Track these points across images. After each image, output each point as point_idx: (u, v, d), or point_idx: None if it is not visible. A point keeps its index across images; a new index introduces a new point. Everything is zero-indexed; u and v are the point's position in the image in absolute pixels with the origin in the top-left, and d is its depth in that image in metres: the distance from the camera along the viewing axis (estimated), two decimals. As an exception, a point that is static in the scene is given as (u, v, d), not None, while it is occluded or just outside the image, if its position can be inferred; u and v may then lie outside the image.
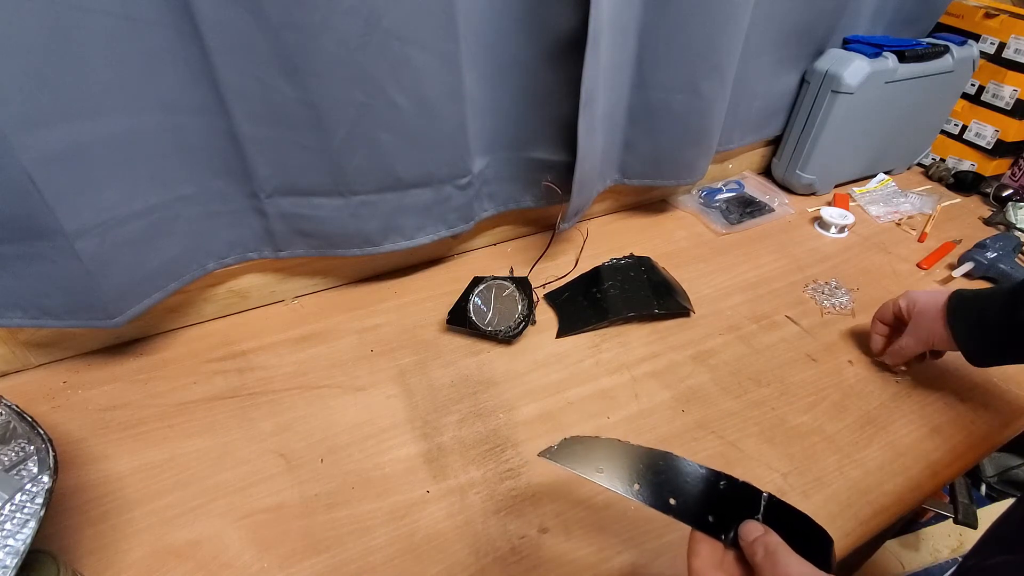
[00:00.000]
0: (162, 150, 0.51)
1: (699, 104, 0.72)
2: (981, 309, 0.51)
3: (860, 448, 0.53)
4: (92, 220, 0.49)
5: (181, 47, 0.47)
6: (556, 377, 0.60)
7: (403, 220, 0.64)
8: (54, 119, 0.44)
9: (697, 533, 0.33)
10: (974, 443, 0.54)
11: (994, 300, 0.51)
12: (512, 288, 0.65)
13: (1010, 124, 0.88)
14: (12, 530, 0.35)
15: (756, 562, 0.31)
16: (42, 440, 0.41)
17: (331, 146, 0.55)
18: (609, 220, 0.88)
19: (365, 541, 0.46)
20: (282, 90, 0.51)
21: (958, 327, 0.52)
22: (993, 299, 0.51)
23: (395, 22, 0.50)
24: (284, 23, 0.47)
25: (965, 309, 0.53)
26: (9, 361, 0.59)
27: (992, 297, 0.52)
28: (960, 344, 0.52)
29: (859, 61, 0.78)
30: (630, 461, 0.34)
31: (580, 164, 0.65)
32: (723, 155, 0.91)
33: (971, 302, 0.53)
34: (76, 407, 0.57)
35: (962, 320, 0.52)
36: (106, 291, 0.52)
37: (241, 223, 0.60)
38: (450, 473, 0.51)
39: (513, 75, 0.62)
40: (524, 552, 0.45)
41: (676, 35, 0.66)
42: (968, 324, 0.52)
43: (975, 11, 0.89)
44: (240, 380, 0.60)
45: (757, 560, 0.31)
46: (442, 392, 0.59)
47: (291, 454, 0.52)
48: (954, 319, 0.52)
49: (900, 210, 0.88)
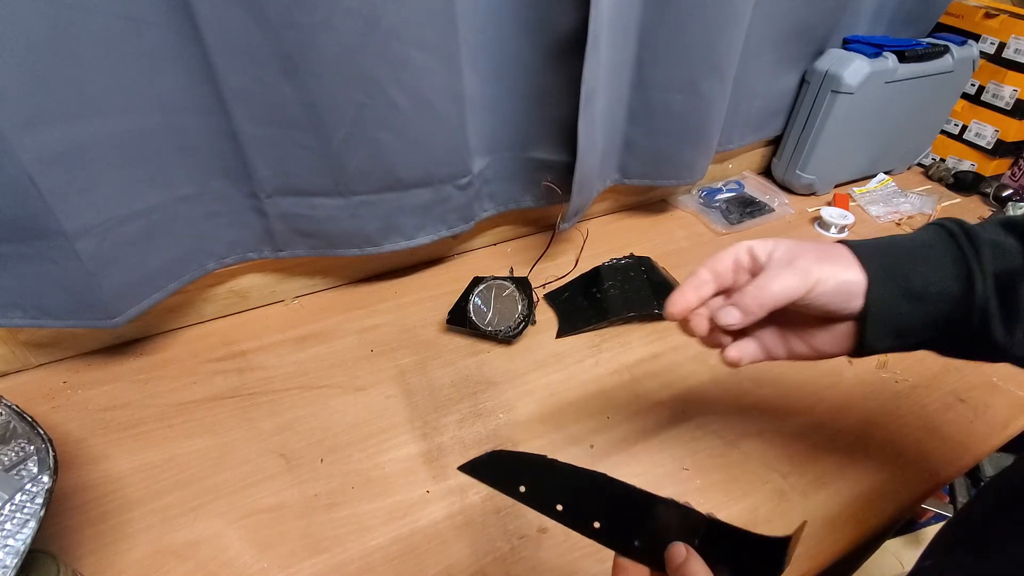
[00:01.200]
0: (162, 150, 0.51)
1: (699, 104, 0.72)
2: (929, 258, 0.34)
3: (860, 448, 0.53)
4: (92, 220, 0.49)
5: (181, 47, 0.47)
6: (556, 377, 0.60)
7: (403, 220, 0.64)
8: (54, 119, 0.44)
9: (620, 559, 0.31)
10: (974, 443, 0.54)
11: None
12: (512, 288, 0.65)
13: (1010, 124, 0.88)
14: (12, 530, 0.35)
15: None
16: (42, 440, 0.41)
17: (331, 146, 0.55)
18: (609, 220, 0.88)
19: (365, 541, 0.46)
20: (282, 90, 0.51)
21: (888, 275, 0.34)
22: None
23: (395, 22, 0.50)
24: (284, 23, 0.47)
25: (901, 254, 0.35)
26: (9, 361, 0.59)
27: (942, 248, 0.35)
28: (882, 302, 0.34)
29: (859, 61, 0.78)
30: (556, 480, 0.32)
31: (580, 164, 0.65)
32: (723, 155, 0.91)
33: (913, 250, 0.35)
34: (76, 407, 0.57)
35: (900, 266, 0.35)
36: (106, 291, 0.52)
37: (241, 223, 0.60)
38: (450, 473, 0.51)
39: (513, 75, 0.62)
40: (524, 552, 0.45)
41: (676, 35, 0.66)
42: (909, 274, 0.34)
43: (975, 11, 0.89)
44: (240, 380, 0.60)
45: None
46: (442, 392, 0.59)
47: (291, 454, 0.52)
48: (881, 264, 0.35)
49: (900, 210, 0.88)
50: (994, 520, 0.35)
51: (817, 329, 0.38)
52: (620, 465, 0.51)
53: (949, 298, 0.34)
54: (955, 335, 0.35)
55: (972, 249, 0.34)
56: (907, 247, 0.36)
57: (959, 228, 0.36)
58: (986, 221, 0.37)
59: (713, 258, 0.38)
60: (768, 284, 0.34)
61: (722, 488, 0.49)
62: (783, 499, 0.48)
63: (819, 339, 0.38)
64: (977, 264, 0.33)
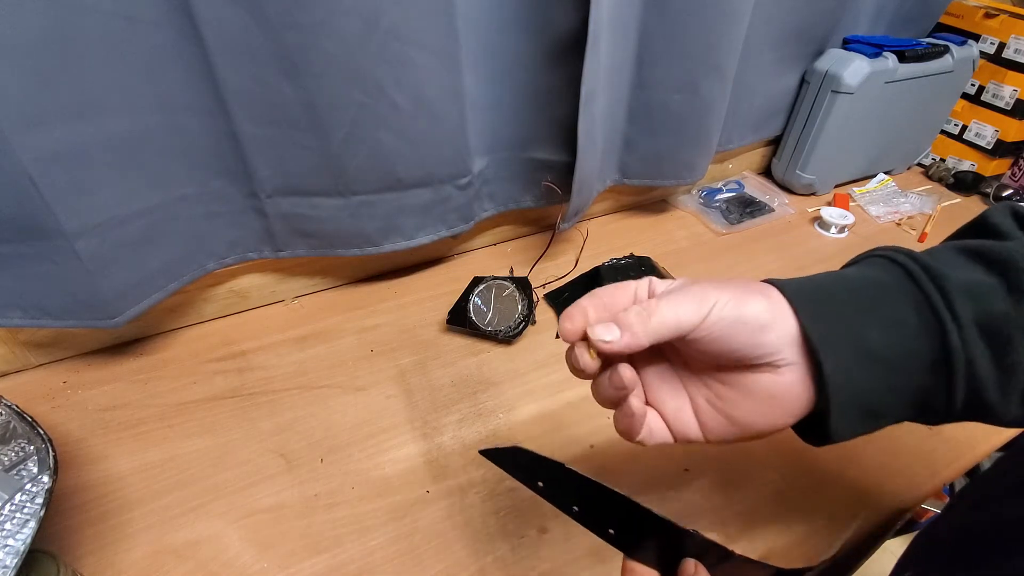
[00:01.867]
0: (162, 150, 0.51)
1: (699, 104, 0.72)
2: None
3: (860, 448, 0.53)
4: (92, 220, 0.49)
5: (181, 47, 0.47)
6: (556, 377, 0.60)
7: (403, 220, 0.64)
8: (54, 119, 0.44)
9: (630, 562, 0.30)
10: (974, 443, 0.54)
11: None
12: (512, 288, 0.65)
13: (1010, 124, 0.88)
14: (12, 530, 0.35)
15: None
16: (42, 440, 0.41)
17: (331, 146, 0.55)
18: (609, 220, 0.88)
19: (365, 541, 0.46)
20: (282, 90, 0.51)
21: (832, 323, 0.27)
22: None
23: (395, 22, 0.50)
24: (284, 23, 0.47)
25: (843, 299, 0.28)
26: (9, 361, 0.59)
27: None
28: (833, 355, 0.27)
29: (859, 61, 0.78)
30: (572, 487, 0.31)
31: (580, 164, 0.65)
32: (723, 155, 0.91)
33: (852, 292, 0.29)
34: (76, 407, 0.57)
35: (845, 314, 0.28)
36: (106, 291, 0.52)
37: (241, 223, 0.60)
38: (450, 473, 0.51)
39: (513, 75, 0.62)
40: (524, 552, 0.45)
41: (676, 35, 0.66)
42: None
43: (975, 11, 0.89)
44: (240, 380, 0.60)
45: None
46: (442, 392, 0.59)
47: (291, 454, 0.52)
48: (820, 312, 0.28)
49: (900, 210, 0.88)
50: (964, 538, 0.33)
51: (734, 392, 0.30)
52: (620, 466, 0.51)
53: (917, 363, 0.27)
54: (935, 411, 0.28)
55: (940, 295, 0.27)
56: (847, 287, 0.29)
57: (914, 263, 0.28)
58: (937, 248, 0.30)
59: (609, 288, 0.31)
60: (658, 304, 0.28)
61: (722, 489, 0.49)
62: (783, 499, 0.48)
63: (741, 408, 0.30)
64: (950, 315, 0.26)
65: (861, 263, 0.31)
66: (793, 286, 0.29)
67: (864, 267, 0.30)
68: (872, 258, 0.31)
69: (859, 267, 0.31)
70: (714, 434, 0.31)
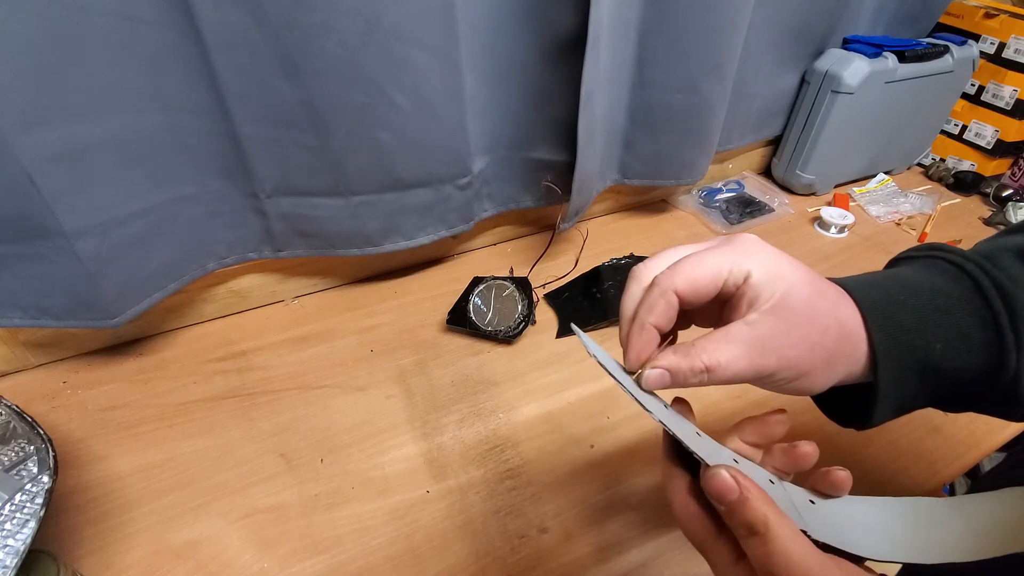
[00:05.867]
0: (162, 150, 0.51)
1: (699, 104, 0.72)
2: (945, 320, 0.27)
3: (860, 448, 0.53)
4: (92, 220, 0.49)
5: (181, 47, 0.47)
6: (556, 377, 0.60)
7: (403, 220, 0.64)
8: (54, 119, 0.44)
9: (670, 466, 0.30)
10: (974, 443, 0.54)
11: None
12: (512, 288, 0.65)
13: (1010, 124, 0.88)
14: (12, 530, 0.35)
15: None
16: (42, 440, 0.41)
17: (331, 146, 0.55)
18: (609, 220, 0.88)
19: (365, 541, 0.46)
20: (282, 90, 0.51)
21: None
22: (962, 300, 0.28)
23: (395, 22, 0.50)
24: (284, 23, 0.47)
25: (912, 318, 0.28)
26: (9, 361, 0.59)
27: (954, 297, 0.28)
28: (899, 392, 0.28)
29: (859, 61, 0.78)
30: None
31: (580, 164, 0.65)
32: (723, 155, 0.91)
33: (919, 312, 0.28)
34: (76, 407, 0.57)
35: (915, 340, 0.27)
36: (106, 291, 0.52)
37: (241, 223, 0.60)
38: (450, 473, 0.51)
39: (513, 75, 0.62)
40: (524, 552, 0.45)
41: (676, 35, 0.66)
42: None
43: (975, 11, 0.89)
44: (240, 380, 0.60)
45: None
46: (442, 392, 0.59)
47: (291, 454, 0.52)
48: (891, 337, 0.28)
49: (900, 210, 0.88)
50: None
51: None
52: (621, 466, 0.51)
53: (966, 374, 0.27)
54: (961, 404, 0.30)
55: (1007, 314, 0.27)
56: (917, 301, 0.28)
57: (987, 279, 0.28)
58: (998, 251, 0.29)
59: (694, 263, 0.29)
60: (718, 372, 0.27)
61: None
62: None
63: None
64: (1013, 336, 0.26)
65: (922, 264, 0.30)
66: (868, 301, 0.28)
67: (933, 275, 0.29)
68: (934, 260, 0.30)
69: (928, 274, 0.30)
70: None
